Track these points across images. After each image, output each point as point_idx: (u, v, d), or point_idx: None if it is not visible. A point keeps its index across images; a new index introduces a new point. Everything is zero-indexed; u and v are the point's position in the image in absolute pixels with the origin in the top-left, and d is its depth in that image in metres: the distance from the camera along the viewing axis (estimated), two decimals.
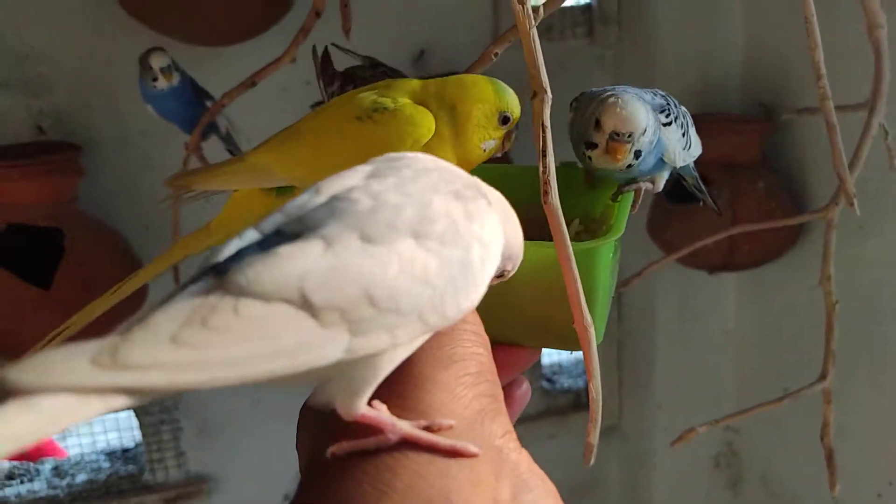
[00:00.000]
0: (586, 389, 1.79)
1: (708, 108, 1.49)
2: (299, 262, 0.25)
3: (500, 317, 0.38)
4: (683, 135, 0.50)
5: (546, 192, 0.33)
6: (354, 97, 0.44)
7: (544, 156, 0.33)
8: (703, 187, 0.60)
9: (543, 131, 0.33)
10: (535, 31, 0.33)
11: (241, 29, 1.20)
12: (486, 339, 0.31)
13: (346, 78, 0.64)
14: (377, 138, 0.41)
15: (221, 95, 0.82)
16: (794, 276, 1.46)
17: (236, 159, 0.48)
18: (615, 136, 0.46)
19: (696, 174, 0.58)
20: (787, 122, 1.37)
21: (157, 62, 0.96)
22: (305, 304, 0.24)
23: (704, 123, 1.43)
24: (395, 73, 0.64)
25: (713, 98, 1.51)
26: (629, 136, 0.46)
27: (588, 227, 0.49)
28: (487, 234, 0.28)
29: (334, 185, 0.28)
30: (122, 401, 0.23)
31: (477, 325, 0.31)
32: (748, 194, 1.37)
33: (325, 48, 0.67)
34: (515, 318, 0.40)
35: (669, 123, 0.49)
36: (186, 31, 1.21)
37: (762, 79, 1.47)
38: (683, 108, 0.53)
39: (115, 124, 1.33)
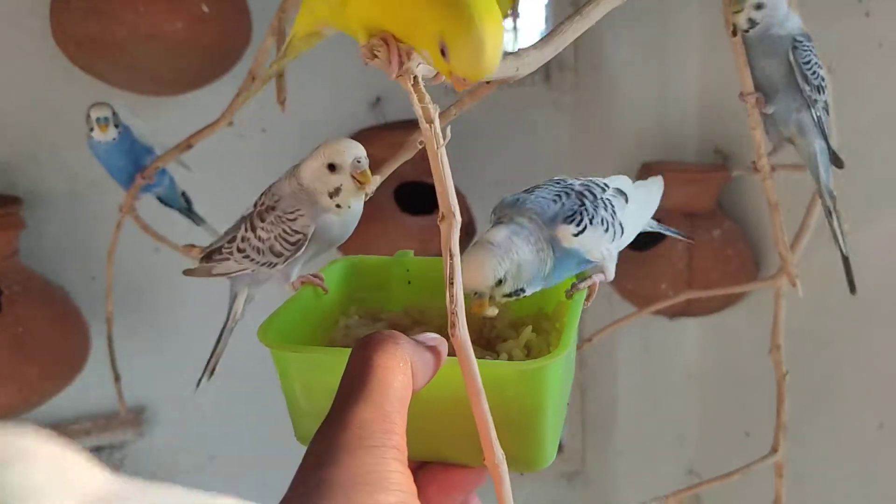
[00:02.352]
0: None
1: (665, 155, 1.50)
2: None
3: (445, 436, 0.37)
4: (607, 229, 0.48)
5: (454, 325, 0.31)
6: None
7: (451, 284, 0.31)
8: (663, 227, 0.58)
9: (451, 258, 0.30)
10: (443, 152, 0.31)
11: (187, 80, 1.18)
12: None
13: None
14: None
15: (156, 158, 0.79)
16: (753, 320, 1.46)
17: None
18: (472, 295, 0.44)
19: (658, 226, 0.56)
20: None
21: (95, 113, 0.95)
22: None
23: (661, 172, 1.44)
24: None
25: (670, 144, 1.51)
26: (477, 294, 0.44)
27: (539, 328, 0.46)
28: None
29: None
30: None
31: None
32: (705, 242, 1.37)
33: None
34: (459, 437, 0.37)
35: (582, 231, 0.47)
36: (133, 83, 1.18)
37: (718, 125, 1.48)
38: (614, 187, 0.51)
39: (62, 176, 1.30)
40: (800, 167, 0.80)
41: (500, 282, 0.44)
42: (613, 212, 0.49)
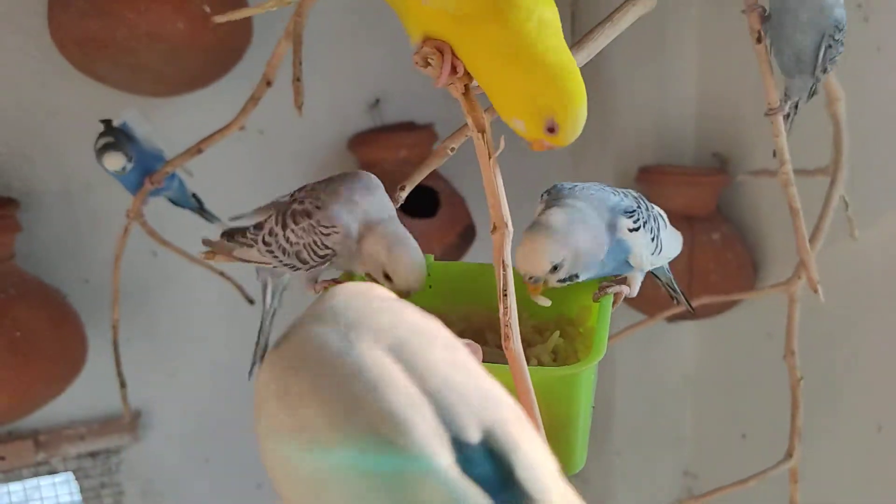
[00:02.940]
0: None
1: (662, 159, 1.50)
2: None
3: None
4: (653, 239, 0.48)
5: (507, 337, 0.30)
6: None
7: (505, 296, 0.30)
8: (676, 287, 0.59)
9: (504, 269, 0.30)
10: (495, 161, 0.30)
11: (187, 81, 1.16)
12: None
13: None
14: None
15: (165, 164, 0.78)
16: (751, 323, 1.47)
17: None
18: (526, 279, 0.44)
19: (671, 275, 0.57)
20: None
21: (109, 165, 0.93)
22: None
23: (660, 175, 1.45)
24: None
25: (667, 148, 1.51)
26: (532, 278, 0.44)
27: (564, 332, 0.46)
28: None
29: None
30: None
31: None
32: (704, 246, 1.37)
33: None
34: None
35: (637, 229, 0.47)
36: (132, 83, 1.17)
37: (716, 129, 1.48)
38: (657, 210, 0.51)
39: (57, 177, 1.28)
40: (814, 172, 0.80)
41: (555, 268, 0.44)
42: (658, 227, 0.50)
